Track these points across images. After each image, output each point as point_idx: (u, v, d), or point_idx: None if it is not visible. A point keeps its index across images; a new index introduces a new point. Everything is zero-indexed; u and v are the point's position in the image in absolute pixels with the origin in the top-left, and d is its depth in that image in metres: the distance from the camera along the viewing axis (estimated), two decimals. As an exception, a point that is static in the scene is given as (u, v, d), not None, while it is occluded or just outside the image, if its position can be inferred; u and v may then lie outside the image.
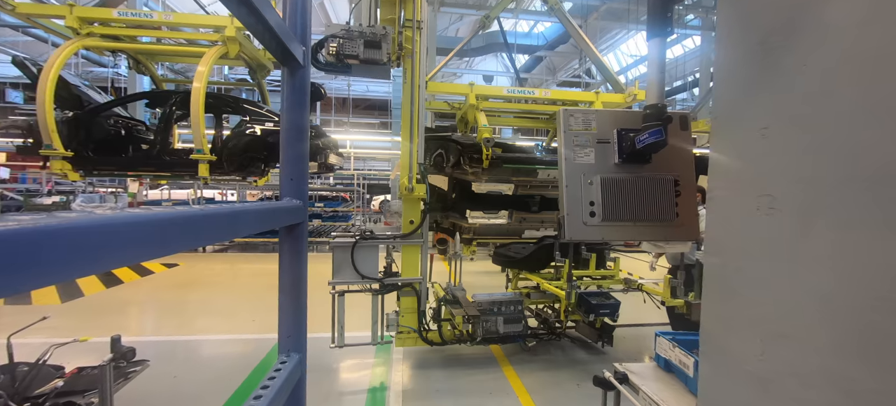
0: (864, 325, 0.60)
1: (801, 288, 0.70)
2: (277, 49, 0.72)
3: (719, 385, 0.89)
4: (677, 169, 1.50)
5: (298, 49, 0.78)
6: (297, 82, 0.81)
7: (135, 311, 5.71)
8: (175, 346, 4.36)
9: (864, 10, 0.61)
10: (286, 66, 0.81)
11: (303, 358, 0.82)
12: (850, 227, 0.62)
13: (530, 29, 15.79)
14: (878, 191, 0.58)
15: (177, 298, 6.28)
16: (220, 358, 4.18)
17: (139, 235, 0.34)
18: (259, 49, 5.76)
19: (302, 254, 0.83)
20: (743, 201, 0.82)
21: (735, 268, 0.86)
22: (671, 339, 2.03)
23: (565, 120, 1.47)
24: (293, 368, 0.76)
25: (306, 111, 0.84)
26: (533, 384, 3.60)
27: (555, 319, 4.36)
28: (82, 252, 0.29)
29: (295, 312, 0.82)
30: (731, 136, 0.85)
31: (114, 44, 5.04)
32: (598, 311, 3.80)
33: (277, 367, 0.75)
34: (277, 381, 0.69)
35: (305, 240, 0.84)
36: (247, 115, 4.87)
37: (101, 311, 5.48)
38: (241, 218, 0.52)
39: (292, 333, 0.81)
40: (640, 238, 1.51)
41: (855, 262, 0.62)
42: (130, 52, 5.42)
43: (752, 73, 0.80)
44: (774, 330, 0.76)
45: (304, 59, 0.82)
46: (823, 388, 0.66)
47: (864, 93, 0.61)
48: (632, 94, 5.01)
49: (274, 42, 0.69)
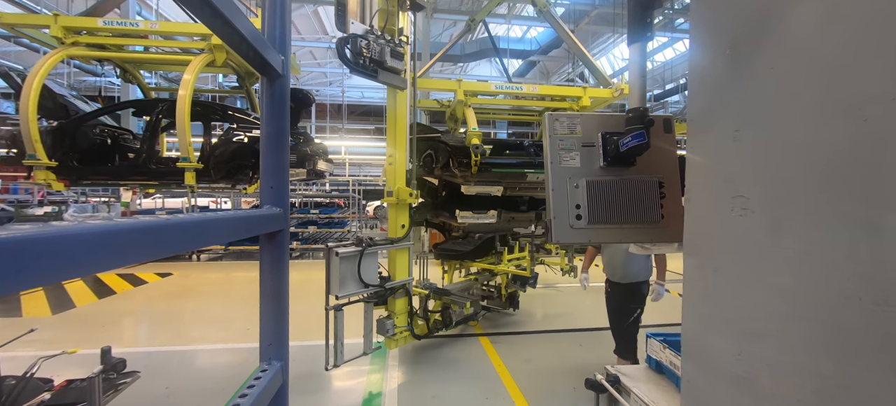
0: (831, 321, 0.61)
1: (773, 287, 0.72)
2: (255, 59, 0.73)
3: (702, 385, 0.90)
4: (662, 171, 1.52)
5: (277, 58, 0.79)
6: (276, 91, 0.82)
7: (127, 322, 5.64)
8: (168, 357, 4.31)
9: (823, 13, 0.63)
10: (265, 76, 0.81)
11: (285, 365, 0.82)
12: (816, 226, 0.64)
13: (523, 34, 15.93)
14: (841, 188, 0.60)
15: (170, 308, 6.22)
16: (214, 368, 4.14)
17: (105, 245, 0.34)
18: None
19: (283, 261, 0.83)
20: (718, 202, 0.83)
21: (712, 268, 0.87)
22: (662, 340, 2.04)
23: (550, 124, 1.48)
24: (274, 376, 0.76)
25: (286, 120, 0.84)
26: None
27: (497, 295, 5.49)
28: (43, 260, 0.29)
29: (276, 319, 0.82)
30: (705, 138, 0.86)
31: (100, 53, 5.02)
32: (527, 283, 5.27)
33: (257, 375, 0.75)
34: (256, 389, 0.68)
35: (286, 247, 0.84)
36: (234, 123, 4.85)
37: (93, 322, 5.41)
38: (211, 227, 0.52)
39: (273, 341, 0.81)
40: (626, 240, 1.52)
41: (822, 260, 0.63)
42: (117, 60, 5.39)
43: (724, 76, 0.82)
44: (750, 329, 0.77)
45: (284, 69, 0.82)
46: (796, 385, 0.67)
47: (825, 93, 0.62)
48: (618, 88, 5.07)
49: (250, 52, 0.70)
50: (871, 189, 0.56)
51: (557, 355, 4.42)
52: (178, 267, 9.53)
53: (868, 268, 0.56)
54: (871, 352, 0.56)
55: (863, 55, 0.57)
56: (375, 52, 3.31)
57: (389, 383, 3.70)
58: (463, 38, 14.85)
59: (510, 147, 4.98)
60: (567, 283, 7.77)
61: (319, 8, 15.00)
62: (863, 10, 0.57)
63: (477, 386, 3.64)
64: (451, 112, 5.43)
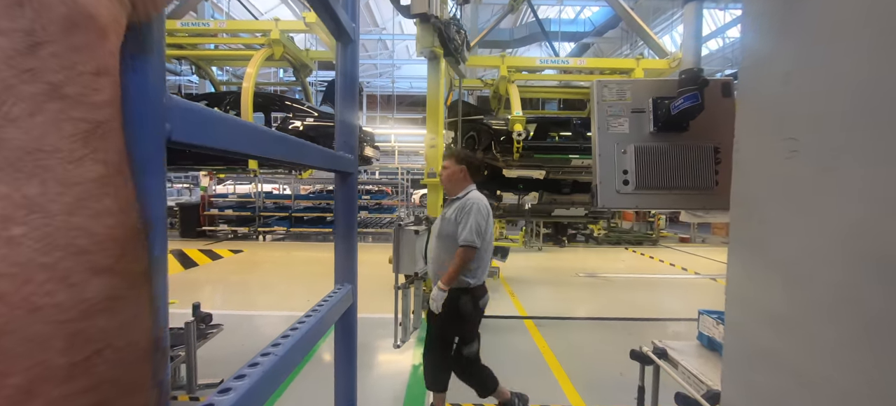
0: (871, 259, 0.62)
1: (820, 226, 0.72)
2: (330, 23, 0.86)
3: (745, 325, 0.92)
4: (719, 137, 1.48)
5: (350, 25, 0.91)
6: (348, 55, 0.95)
7: (208, 289, 6.40)
8: (242, 319, 4.86)
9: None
10: (339, 41, 0.94)
11: (354, 288, 0.97)
12: (867, 164, 0.64)
13: (576, 15, 15.23)
14: (889, 127, 0.60)
15: (241, 280, 6.94)
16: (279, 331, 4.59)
17: (254, 135, 0.48)
18: (302, 50, 6.24)
19: (353, 200, 0.97)
20: (767, 149, 0.84)
21: (759, 218, 0.87)
22: (716, 317, 1.97)
23: (599, 91, 1.50)
24: (345, 295, 0.91)
25: (357, 81, 0.98)
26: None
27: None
28: (219, 127, 0.44)
29: (347, 249, 0.96)
30: (755, 85, 0.86)
31: (178, 52, 5.71)
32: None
33: (331, 293, 0.90)
34: (331, 301, 0.83)
35: (355, 189, 0.98)
36: (291, 112, 5.27)
37: (178, 288, 6.22)
38: (307, 151, 0.66)
39: (345, 266, 0.95)
40: (676, 206, 1.50)
41: (871, 196, 0.63)
42: (192, 58, 6.07)
43: (775, 21, 0.81)
44: (794, 273, 0.78)
45: (354, 35, 0.95)
46: (839, 321, 0.69)
47: (877, 33, 0.62)
48: (676, 58, 4.76)
49: (327, 16, 0.83)
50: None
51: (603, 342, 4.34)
52: (247, 245, 10.52)
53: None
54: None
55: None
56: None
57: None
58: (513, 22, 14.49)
59: (556, 124, 4.91)
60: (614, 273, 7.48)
61: (371, 0, 15.47)
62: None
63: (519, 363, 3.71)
64: (494, 90, 5.44)
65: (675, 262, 9.04)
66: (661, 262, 9.08)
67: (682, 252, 10.48)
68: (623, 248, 11.01)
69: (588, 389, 3.27)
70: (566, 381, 3.43)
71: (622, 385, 3.23)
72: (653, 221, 12.79)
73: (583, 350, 4.11)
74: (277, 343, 0.64)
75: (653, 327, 4.64)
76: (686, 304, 5.57)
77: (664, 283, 7.16)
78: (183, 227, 11.50)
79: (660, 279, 7.44)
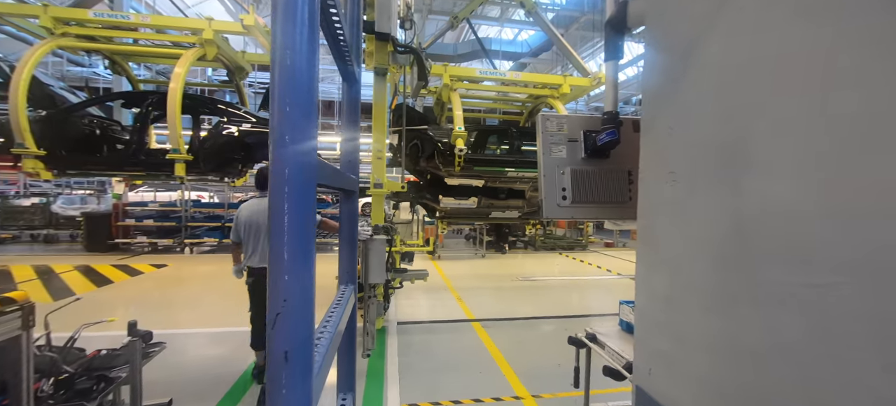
0: (716, 254, 0.98)
1: (689, 234, 1.08)
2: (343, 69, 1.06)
3: (648, 310, 1.27)
4: (631, 163, 1.89)
5: (356, 69, 1.12)
6: (352, 95, 1.15)
7: (132, 309, 5.81)
8: (184, 337, 4.54)
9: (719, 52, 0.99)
10: (346, 82, 1.14)
11: (355, 288, 1.16)
12: (711, 191, 1.00)
13: (515, 36, 16.34)
14: (723, 166, 0.96)
15: (166, 297, 6.39)
16: (220, 348, 4.38)
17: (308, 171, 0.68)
18: (237, 51, 5.66)
19: (355, 215, 1.17)
20: (659, 176, 1.20)
21: (654, 226, 1.23)
22: (631, 305, 2.43)
23: (543, 124, 1.84)
24: (351, 294, 1.10)
25: (358, 118, 1.18)
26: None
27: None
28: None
29: (349, 256, 1.15)
30: (651, 133, 1.23)
31: (89, 44, 4.92)
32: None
33: (341, 293, 1.08)
34: (343, 301, 1.02)
35: (357, 205, 1.18)
36: (224, 116, 4.84)
37: (92, 307, 5.57)
38: (325, 168, 0.86)
39: (348, 269, 1.14)
40: (602, 217, 1.88)
41: (712, 214, 1.00)
42: (106, 52, 5.26)
43: (663, 90, 1.18)
44: (675, 265, 1.13)
45: (358, 77, 1.16)
46: (700, 297, 1.04)
47: (722, 108, 0.99)
48: (596, 77, 5.51)
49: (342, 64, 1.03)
50: (739, 163, 0.92)
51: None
52: (172, 258, 9.62)
53: (737, 216, 0.93)
54: (736, 265, 0.92)
55: (738, 78, 0.94)
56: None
57: (390, 360, 4.03)
58: (456, 38, 15.07)
59: (496, 132, 5.38)
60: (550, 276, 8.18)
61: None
62: (740, 55, 0.94)
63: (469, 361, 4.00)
64: (437, 97, 5.76)
65: (602, 264, 10.11)
66: (590, 265, 10.09)
67: (607, 256, 11.72)
68: (557, 253, 11.99)
69: (530, 380, 3.65)
70: (512, 373, 3.78)
71: (559, 374, 3.67)
72: (582, 228, 14.07)
73: (524, 346, 4.52)
74: (327, 320, 0.82)
75: (584, 322, 5.22)
76: (612, 300, 6.33)
77: (592, 284, 8.02)
78: (89, 241, 10.14)
79: (589, 280, 8.31)
